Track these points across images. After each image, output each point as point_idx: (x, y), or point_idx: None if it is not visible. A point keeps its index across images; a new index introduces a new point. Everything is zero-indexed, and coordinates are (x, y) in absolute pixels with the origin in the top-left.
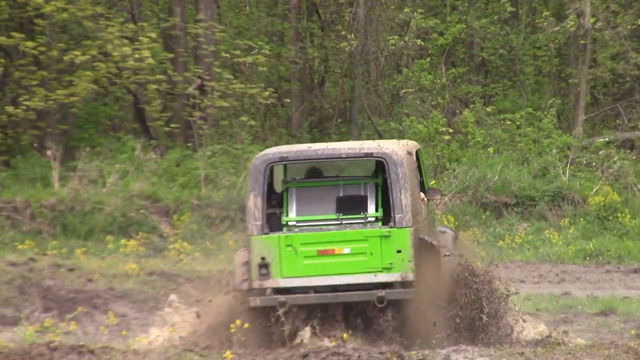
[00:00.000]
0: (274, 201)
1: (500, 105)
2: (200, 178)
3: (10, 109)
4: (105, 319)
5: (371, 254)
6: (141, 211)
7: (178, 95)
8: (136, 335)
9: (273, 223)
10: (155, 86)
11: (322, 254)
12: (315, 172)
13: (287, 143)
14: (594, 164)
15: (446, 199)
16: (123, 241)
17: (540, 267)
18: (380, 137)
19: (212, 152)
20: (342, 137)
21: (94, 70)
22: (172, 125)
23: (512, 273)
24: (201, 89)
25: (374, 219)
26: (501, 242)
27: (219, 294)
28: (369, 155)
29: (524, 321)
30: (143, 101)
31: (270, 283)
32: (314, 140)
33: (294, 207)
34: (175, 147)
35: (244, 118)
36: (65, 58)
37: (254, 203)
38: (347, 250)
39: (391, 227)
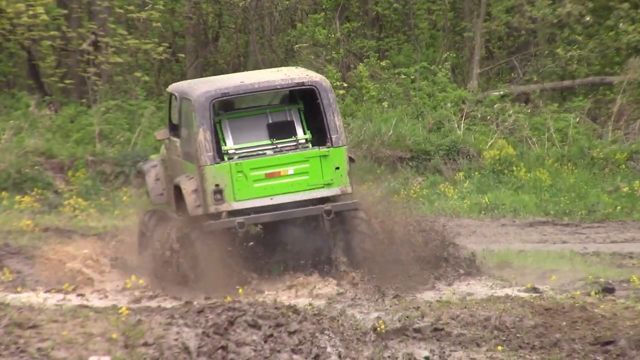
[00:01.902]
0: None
1: (394, 59)
2: (94, 134)
3: None
4: (1, 275)
5: (313, 172)
6: (36, 167)
7: (72, 51)
8: (31, 291)
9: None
10: (49, 42)
11: (269, 176)
12: (241, 103)
13: None
14: (488, 117)
15: None
16: (18, 197)
17: (435, 222)
18: None
19: (107, 108)
20: None
21: None
22: (67, 82)
23: None
24: (95, 44)
25: (304, 141)
26: (396, 196)
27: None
28: (300, 84)
29: None
30: (37, 57)
31: (225, 207)
32: None
33: (230, 136)
34: (69, 103)
35: (138, 74)
36: None
37: (204, 137)
38: (291, 172)
39: (329, 147)
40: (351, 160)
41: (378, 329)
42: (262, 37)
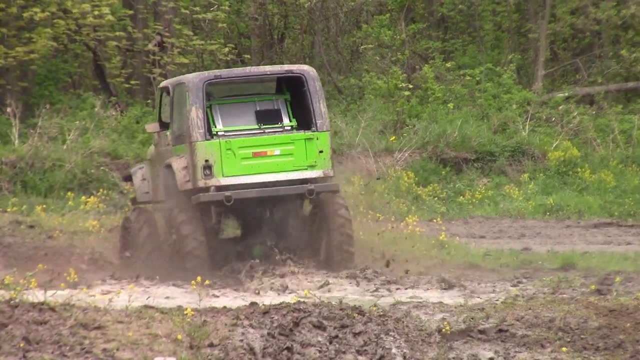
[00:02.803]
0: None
1: (459, 60)
2: None
3: None
4: (66, 276)
5: (298, 154)
6: (101, 168)
7: (138, 52)
8: (97, 292)
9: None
10: (115, 43)
11: (256, 155)
12: (232, 91)
13: None
14: (553, 119)
15: (406, 154)
16: (83, 198)
17: (500, 223)
18: (341, 93)
19: None
20: None
21: (53, 27)
22: (132, 82)
23: (473, 228)
24: (161, 45)
25: (290, 127)
26: (461, 197)
27: None
28: (289, 72)
29: None
30: (103, 58)
31: (213, 182)
32: None
33: (220, 120)
34: (135, 104)
35: None
36: (25, 15)
37: (196, 114)
38: (277, 152)
39: (314, 131)
40: (333, 151)
41: (443, 330)
42: (327, 38)
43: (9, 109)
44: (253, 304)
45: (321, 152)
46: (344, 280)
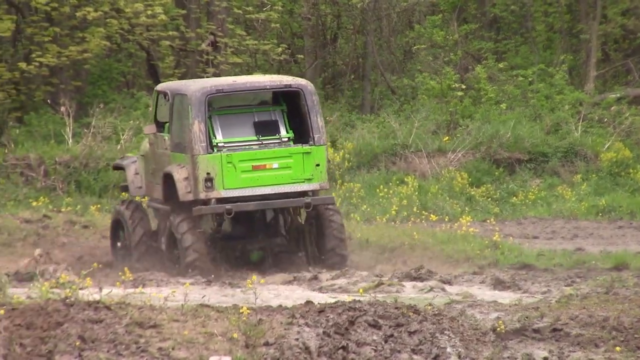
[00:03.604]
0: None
1: (512, 61)
2: None
3: (23, 65)
4: (121, 275)
5: (295, 167)
6: None
7: (191, 51)
8: (154, 291)
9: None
10: (168, 42)
11: (256, 168)
12: (230, 101)
13: None
14: (605, 120)
15: (459, 155)
16: (137, 198)
17: (553, 223)
18: (394, 93)
19: None
20: (355, 94)
21: (106, 27)
22: None
23: (526, 229)
24: (214, 45)
25: (287, 139)
26: (514, 198)
27: None
28: (288, 86)
29: None
30: (156, 58)
31: (214, 194)
32: (327, 96)
33: (220, 131)
34: None
35: (257, 74)
36: (78, 14)
37: (199, 128)
38: (275, 165)
39: (311, 145)
40: (328, 161)
41: (497, 329)
42: (380, 39)
43: (62, 108)
44: (308, 302)
45: (318, 165)
46: (399, 280)
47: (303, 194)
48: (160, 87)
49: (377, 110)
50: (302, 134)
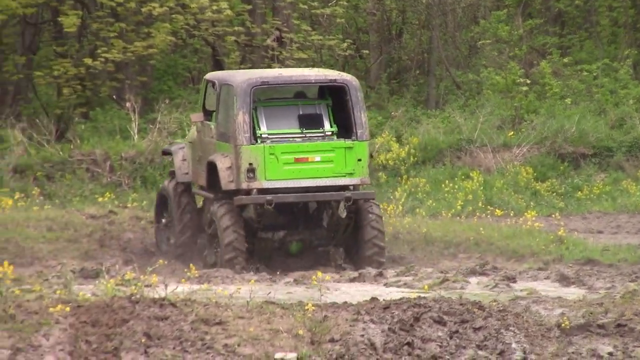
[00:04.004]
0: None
1: (576, 56)
2: None
3: (88, 61)
4: (187, 272)
5: (337, 162)
6: None
7: (257, 47)
8: (218, 288)
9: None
10: (233, 38)
11: (298, 161)
12: (276, 93)
13: (366, 95)
14: None
15: (524, 149)
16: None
17: (618, 218)
18: (459, 88)
19: None
20: (421, 88)
21: (172, 22)
22: None
23: (591, 224)
24: (279, 40)
25: (330, 133)
26: (579, 192)
27: None
28: (333, 81)
29: None
30: (222, 53)
31: (256, 185)
32: (392, 91)
33: (264, 122)
34: None
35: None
36: (143, 10)
37: (243, 119)
38: (318, 159)
39: (354, 140)
40: (370, 156)
41: (562, 325)
42: (445, 33)
43: (128, 104)
44: (374, 299)
45: (360, 160)
46: (464, 276)
47: (344, 188)
48: (209, 76)
49: (442, 106)
50: (346, 129)
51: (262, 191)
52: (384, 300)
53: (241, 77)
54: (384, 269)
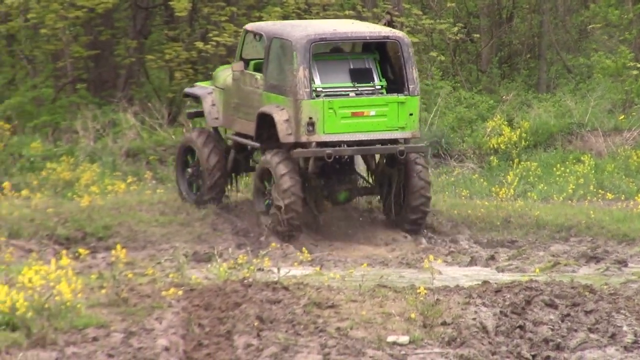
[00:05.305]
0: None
1: None
2: None
3: (200, 44)
4: (299, 255)
5: (391, 116)
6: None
7: None
8: (330, 271)
9: None
10: None
11: (354, 115)
12: (326, 48)
13: (477, 79)
14: None
15: (635, 133)
16: None
17: None
18: (570, 72)
19: None
20: (531, 72)
21: (283, 6)
22: None
23: None
24: (390, 24)
25: (380, 87)
26: None
27: None
28: (386, 37)
29: None
30: None
31: (315, 138)
32: (503, 75)
33: (318, 76)
34: None
35: (434, 53)
36: None
37: (303, 74)
38: (373, 113)
39: (406, 95)
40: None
41: None
42: (555, 17)
43: None
44: (485, 282)
45: (411, 114)
46: (575, 259)
47: (396, 141)
48: (250, 26)
49: (553, 89)
50: (391, 84)
51: (321, 144)
52: (495, 283)
53: (299, 32)
54: (495, 252)
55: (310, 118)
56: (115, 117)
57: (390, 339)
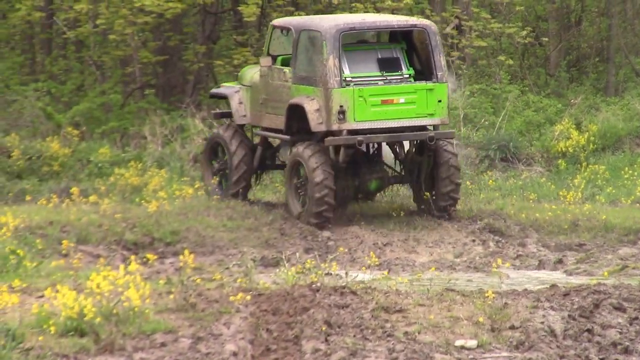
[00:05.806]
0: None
1: None
2: (459, 118)
3: None
4: (367, 259)
5: (420, 103)
6: None
7: None
8: (398, 275)
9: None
10: None
11: (384, 103)
12: (354, 38)
13: (546, 82)
14: None
15: None
16: None
17: None
18: (638, 75)
19: (471, 91)
20: (600, 76)
21: (351, 11)
22: None
23: None
24: (459, 28)
25: (407, 76)
26: None
27: None
28: (414, 26)
29: None
30: None
31: (346, 126)
32: (571, 79)
33: (347, 66)
34: None
35: (502, 57)
36: None
37: (334, 63)
38: (402, 100)
39: (434, 82)
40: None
41: None
42: (624, 21)
43: None
44: (553, 286)
45: (440, 101)
46: None
47: (425, 128)
48: (278, 22)
49: (622, 93)
50: (418, 74)
51: (352, 132)
52: (563, 287)
53: (328, 23)
54: (563, 256)
55: (341, 106)
56: (183, 123)
57: (458, 343)
